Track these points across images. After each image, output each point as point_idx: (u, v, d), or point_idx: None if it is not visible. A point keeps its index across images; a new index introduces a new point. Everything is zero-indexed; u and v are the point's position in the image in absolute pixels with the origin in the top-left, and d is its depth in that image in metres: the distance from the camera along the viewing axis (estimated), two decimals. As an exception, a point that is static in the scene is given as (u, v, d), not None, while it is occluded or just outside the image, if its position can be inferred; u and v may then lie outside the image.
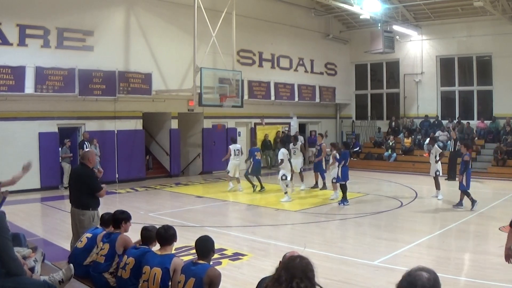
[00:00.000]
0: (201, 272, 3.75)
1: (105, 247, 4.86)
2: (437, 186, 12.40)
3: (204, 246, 3.96)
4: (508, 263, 4.45)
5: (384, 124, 22.41)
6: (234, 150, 14.09)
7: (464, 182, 10.64)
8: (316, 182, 14.39)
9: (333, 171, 12.47)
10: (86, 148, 13.88)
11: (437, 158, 12.34)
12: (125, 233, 5.09)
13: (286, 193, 12.31)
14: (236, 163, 14.04)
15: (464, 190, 10.78)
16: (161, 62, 16.07)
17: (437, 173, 12.28)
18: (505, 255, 4.47)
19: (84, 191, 6.09)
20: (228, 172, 14.06)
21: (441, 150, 12.81)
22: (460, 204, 10.93)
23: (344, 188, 11.62)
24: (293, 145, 14.51)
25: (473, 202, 10.71)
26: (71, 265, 4.29)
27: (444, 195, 12.34)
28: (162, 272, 4.06)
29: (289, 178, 12.49)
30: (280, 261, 3.48)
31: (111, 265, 4.79)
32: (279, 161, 12.51)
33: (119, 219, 5.08)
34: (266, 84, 19.44)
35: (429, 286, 2.05)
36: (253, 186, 13.91)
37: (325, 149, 13.97)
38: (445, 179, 14.74)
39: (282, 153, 12.52)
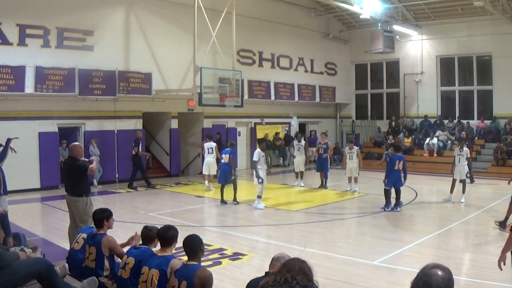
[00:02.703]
0: (191, 273, 3.71)
1: (92, 251, 4.81)
2: (464, 190, 11.85)
3: (191, 246, 3.91)
4: (500, 269, 4.24)
5: (384, 124, 22.40)
6: (208, 148, 14.34)
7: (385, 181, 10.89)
8: (322, 182, 14.41)
9: (354, 167, 13.06)
10: (141, 147, 14.60)
11: (466, 160, 11.99)
12: (109, 231, 5.06)
13: (260, 197, 11.35)
14: (210, 161, 14.27)
15: (387, 190, 10.91)
16: (161, 62, 16.06)
17: (467, 175, 12.09)
18: (498, 260, 4.22)
19: (75, 180, 6.76)
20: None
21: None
22: (398, 204, 10.94)
23: (398, 194, 10.88)
24: (297, 141, 14.78)
25: (388, 203, 10.91)
26: (66, 264, 4.30)
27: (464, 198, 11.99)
28: (159, 274, 4.00)
29: (265, 182, 11.58)
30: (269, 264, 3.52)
31: (103, 269, 4.77)
32: (255, 161, 11.40)
33: (100, 218, 5.03)
34: (266, 84, 19.44)
35: (444, 286, 1.96)
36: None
37: (332, 148, 14.17)
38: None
39: (258, 153, 11.41)
